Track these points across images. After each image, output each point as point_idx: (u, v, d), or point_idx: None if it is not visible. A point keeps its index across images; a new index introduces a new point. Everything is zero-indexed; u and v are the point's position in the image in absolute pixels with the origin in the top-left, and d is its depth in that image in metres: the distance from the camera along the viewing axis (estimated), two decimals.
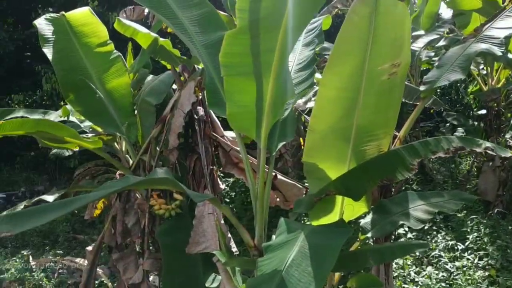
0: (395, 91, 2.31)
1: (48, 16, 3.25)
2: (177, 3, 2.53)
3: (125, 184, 1.85)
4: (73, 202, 1.63)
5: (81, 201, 1.64)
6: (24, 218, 1.56)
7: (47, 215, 1.57)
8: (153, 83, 3.82)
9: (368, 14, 2.01)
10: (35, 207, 1.62)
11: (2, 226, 1.50)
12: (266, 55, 2.04)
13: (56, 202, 1.66)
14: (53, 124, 2.60)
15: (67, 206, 1.57)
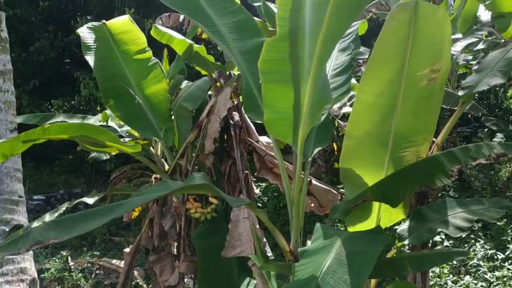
0: (434, 96, 2.28)
1: (90, 24, 3.37)
2: (214, 10, 2.58)
3: (167, 190, 1.90)
4: (117, 208, 1.68)
5: (125, 207, 1.69)
6: (71, 224, 1.62)
7: (92, 222, 1.62)
8: (190, 89, 3.90)
9: (407, 20, 2.00)
10: (80, 213, 1.68)
11: (50, 233, 1.56)
12: (304, 62, 2.06)
13: (100, 208, 1.71)
14: (95, 128, 2.69)
15: (111, 212, 1.62)
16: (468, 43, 5.90)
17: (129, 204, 1.69)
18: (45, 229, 1.65)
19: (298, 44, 2.03)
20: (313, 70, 2.03)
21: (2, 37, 4.16)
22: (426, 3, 2.06)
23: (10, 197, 3.94)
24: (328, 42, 1.95)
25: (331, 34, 1.93)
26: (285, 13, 1.98)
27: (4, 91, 4.13)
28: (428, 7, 2.03)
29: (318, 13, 1.91)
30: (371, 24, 9.20)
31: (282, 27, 2.00)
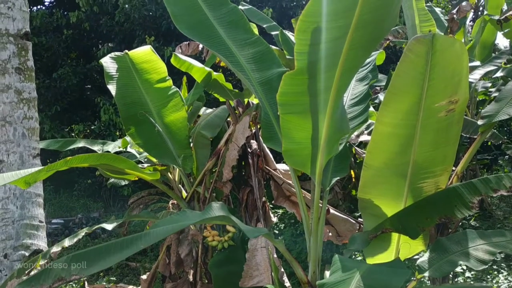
0: (453, 127, 2.28)
1: (113, 54, 3.47)
2: (233, 41, 2.65)
3: (186, 222, 1.92)
4: (136, 241, 1.70)
5: (144, 241, 1.71)
6: (92, 260, 1.64)
7: (112, 257, 1.64)
8: (209, 117, 3.96)
9: (425, 53, 2.02)
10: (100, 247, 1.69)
11: (72, 269, 1.58)
12: (322, 94, 2.09)
13: (119, 242, 1.73)
14: (115, 157, 2.75)
15: (131, 246, 1.64)
16: (487, 70, 5.87)
17: (148, 237, 1.71)
18: (66, 264, 1.67)
19: (317, 77, 2.06)
20: (331, 101, 2.05)
21: (29, 66, 4.30)
22: (443, 36, 2.08)
23: (30, 222, 4.00)
24: (345, 75, 1.98)
25: (348, 67, 1.96)
26: (303, 47, 2.02)
27: (29, 118, 4.24)
28: (445, 40, 2.05)
29: (335, 48, 1.95)
30: (387, 51, 9.25)
31: (301, 61, 2.04)
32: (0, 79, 4.08)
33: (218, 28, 2.70)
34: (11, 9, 4.04)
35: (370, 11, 1.87)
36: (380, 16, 1.92)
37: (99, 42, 13.22)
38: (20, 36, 4.22)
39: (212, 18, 2.73)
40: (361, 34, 1.91)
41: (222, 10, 2.78)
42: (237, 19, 2.76)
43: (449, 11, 12.40)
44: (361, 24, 1.88)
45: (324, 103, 2.11)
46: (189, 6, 2.74)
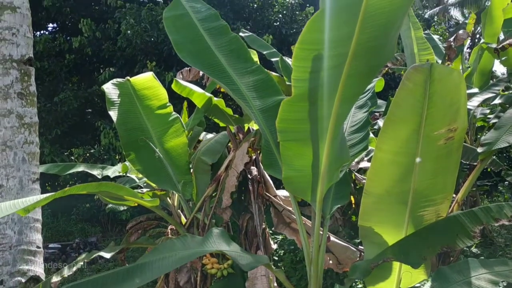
0: (452, 155, 2.29)
1: (115, 81, 3.51)
2: (234, 70, 2.68)
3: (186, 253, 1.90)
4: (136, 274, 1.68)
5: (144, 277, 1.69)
6: None
7: None
8: (209, 143, 3.98)
9: (423, 82, 2.04)
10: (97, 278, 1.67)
11: None
12: (322, 122, 2.10)
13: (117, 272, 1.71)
14: (114, 185, 2.74)
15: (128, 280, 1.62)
16: (485, 98, 5.93)
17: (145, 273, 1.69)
18: None
19: (317, 105, 2.08)
20: (330, 129, 2.07)
21: (31, 91, 4.33)
22: (440, 65, 2.11)
23: (28, 247, 3.96)
24: (345, 103, 2.00)
25: (348, 95, 1.98)
26: (301, 74, 2.04)
27: (29, 142, 4.25)
28: (443, 69, 2.07)
29: (335, 76, 1.97)
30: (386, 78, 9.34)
31: (298, 88, 2.06)
32: (2, 104, 4.10)
33: (219, 56, 2.74)
34: (15, 36, 4.09)
35: (367, 41, 1.90)
36: (378, 45, 1.95)
37: (100, 66, 13.36)
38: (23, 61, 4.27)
39: (214, 46, 2.78)
40: (359, 63, 1.94)
41: (223, 39, 2.83)
42: (238, 48, 2.81)
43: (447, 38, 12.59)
44: (360, 53, 1.91)
45: (324, 131, 2.12)
46: (191, 35, 2.79)
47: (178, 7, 2.99)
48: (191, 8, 2.96)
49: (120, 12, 11.93)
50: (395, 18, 1.91)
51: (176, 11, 2.97)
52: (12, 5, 4.01)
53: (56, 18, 13.45)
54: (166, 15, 2.96)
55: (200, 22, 2.89)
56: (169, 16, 2.94)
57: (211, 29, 2.87)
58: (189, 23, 2.89)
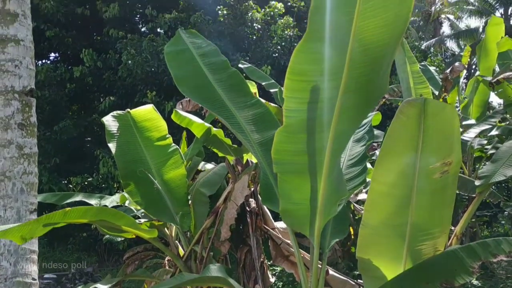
0: (448, 189, 2.30)
1: (115, 113, 3.55)
2: (234, 104, 2.73)
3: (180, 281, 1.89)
4: None
5: None
6: None
7: None
8: (208, 174, 3.99)
9: (416, 116, 2.08)
10: None
11: None
12: (320, 154, 2.12)
13: None
14: (114, 213, 2.74)
15: None
16: (482, 129, 5.98)
17: None
18: None
19: (315, 136, 2.10)
20: (326, 163, 2.08)
21: (31, 122, 4.36)
22: (434, 100, 2.16)
23: (23, 279, 3.91)
24: (339, 137, 2.02)
25: (342, 130, 2.00)
26: (294, 105, 2.07)
27: (28, 173, 4.25)
28: (437, 104, 2.11)
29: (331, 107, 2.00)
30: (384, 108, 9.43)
31: (290, 118, 2.09)
32: (3, 135, 4.12)
33: (218, 90, 2.79)
34: (18, 67, 4.15)
35: (358, 76, 1.94)
36: (370, 80, 1.99)
37: (101, 95, 13.48)
38: (25, 93, 4.31)
39: (213, 81, 2.84)
40: (352, 97, 1.97)
41: (223, 73, 2.89)
42: (237, 83, 2.87)
43: (443, 70, 12.77)
44: (351, 87, 1.94)
45: (321, 164, 2.13)
46: (192, 70, 2.85)
47: (179, 42, 3.06)
48: (192, 43, 3.04)
49: (121, 43, 12.13)
50: (385, 53, 1.95)
51: (177, 46, 3.04)
52: (16, 38, 4.08)
53: (58, 48, 13.66)
54: (167, 50, 3.03)
55: (201, 57, 2.96)
56: (170, 51, 3.01)
57: (211, 64, 2.94)
58: (190, 58, 2.96)
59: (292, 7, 13.01)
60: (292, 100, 2.13)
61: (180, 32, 3.15)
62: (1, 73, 4.03)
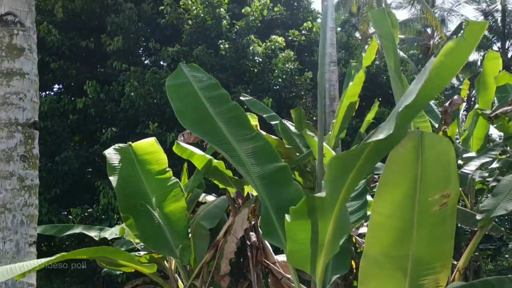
0: (447, 222, 2.30)
1: (117, 146, 3.58)
2: (234, 137, 2.76)
3: None
4: None
5: None
6: None
7: None
8: (208, 207, 3.98)
9: (414, 148, 2.10)
10: None
11: None
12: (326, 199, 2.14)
13: None
14: (112, 250, 2.74)
15: None
16: (483, 162, 5.99)
17: None
18: None
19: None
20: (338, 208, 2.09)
21: (34, 154, 4.39)
22: (430, 133, 2.19)
23: None
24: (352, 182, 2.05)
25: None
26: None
27: (29, 205, 4.25)
28: (433, 137, 2.15)
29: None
30: None
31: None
32: (5, 166, 4.14)
33: (219, 123, 2.83)
34: (22, 100, 4.20)
35: None
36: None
37: (103, 126, 13.57)
38: (28, 125, 4.35)
39: (214, 114, 2.88)
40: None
41: (223, 107, 2.94)
42: (237, 116, 2.91)
43: (442, 102, 12.89)
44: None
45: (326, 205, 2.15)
46: (193, 103, 2.89)
47: (181, 76, 3.11)
48: (193, 77, 3.09)
49: (124, 75, 12.30)
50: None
51: (178, 80, 3.09)
52: (21, 71, 4.15)
53: (62, 79, 13.85)
54: (169, 83, 3.08)
55: (202, 91, 3.01)
56: (171, 85, 3.06)
57: (212, 97, 2.99)
58: (191, 92, 3.01)
59: (293, 41, 13.25)
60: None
61: (181, 66, 3.21)
62: (6, 106, 4.08)
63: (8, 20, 3.95)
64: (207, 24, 12.39)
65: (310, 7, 15.40)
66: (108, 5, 13.56)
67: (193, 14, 12.50)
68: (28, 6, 3.93)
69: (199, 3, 12.52)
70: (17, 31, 3.91)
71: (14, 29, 3.88)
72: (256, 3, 12.80)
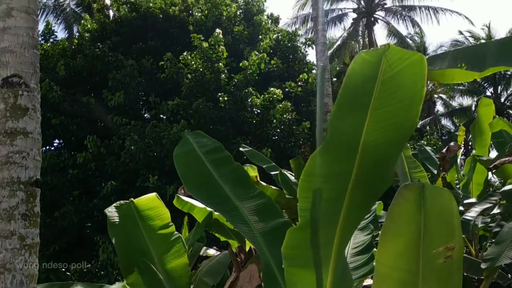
0: (454, 277, 2.28)
1: (118, 203, 3.59)
2: (237, 196, 2.82)
3: None
4: None
5: None
6: None
7: None
8: (211, 263, 3.94)
9: (416, 200, 2.12)
10: None
11: None
12: (324, 249, 2.15)
13: None
14: None
15: None
16: (484, 208, 5.97)
17: None
18: None
19: (319, 232, 2.15)
20: (334, 255, 2.10)
21: (35, 212, 4.38)
22: (431, 185, 2.22)
23: None
24: (345, 232, 2.07)
25: (348, 225, 2.05)
26: (305, 204, 2.17)
27: (29, 264, 4.19)
28: (434, 189, 2.17)
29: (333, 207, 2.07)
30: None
31: (303, 217, 2.17)
32: (6, 226, 4.12)
33: (222, 185, 2.91)
34: (25, 159, 4.24)
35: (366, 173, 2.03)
36: (376, 177, 2.07)
37: (102, 180, 13.56)
38: (30, 183, 4.37)
39: (217, 176, 2.97)
40: (358, 194, 2.05)
41: (227, 168, 3.04)
42: (239, 176, 2.99)
43: (440, 148, 12.99)
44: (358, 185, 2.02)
45: (325, 258, 2.16)
46: (197, 168, 3.02)
47: (186, 144, 3.29)
48: (197, 143, 3.24)
49: (125, 129, 12.46)
50: (392, 152, 2.06)
51: (184, 148, 3.26)
52: (25, 131, 4.22)
53: (62, 135, 14.01)
54: (176, 152, 3.24)
55: (205, 155, 3.14)
56: (178, 154, 3.23)
57: (215, 160, 3.12)
58: (196, 157, 3.14)
59: (290, 92, 13.55)
60: (304, 200, 2.24)
61: (186, 134, 3.39)
62: (9, 165, 4.11)
63: (13, 82, 4.06)
64: (206, 78, 12.70)
65: (305, 59, 15.85)
66: (109, 62, 13.94)
67: (193, 68, 12.84)
68: (33, 68, 4.05)
69: (198, 58, 12.89)
70: (22, 91, 4.01)
71: (19, 90, 3.98)
72: (253, 57, 13.18)
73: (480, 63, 3.16)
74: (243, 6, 16.63)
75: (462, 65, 3.24)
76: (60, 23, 18.25)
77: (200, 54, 12.87)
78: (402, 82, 2.06)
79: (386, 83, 2.04)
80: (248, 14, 16.34)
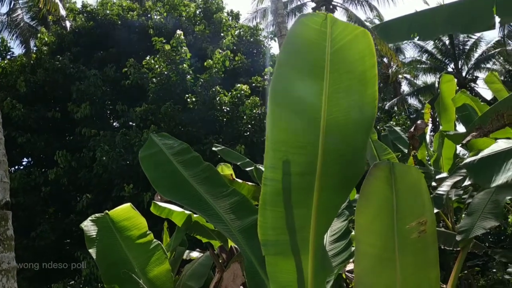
0: (429, 249, 2.33)
1: (93, 217, 3.53)
2: (211, 196, 2.79)
3: None
4: None
5: None
6: None
7: None
8: (193, 266, 3.92)
9: (387, 178, 2.16)
10: None
11: None
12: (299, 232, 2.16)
13: None
14: None
15: None
16: (454, 181, 6.13)
17: None
18: None
19: (293, 213, 2.15)
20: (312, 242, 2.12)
21: (8, 236, 4.29)
22: (399, 163, 2.27)
23: None
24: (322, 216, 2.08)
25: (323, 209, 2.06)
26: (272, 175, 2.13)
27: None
28: (402, 167, 2.22)
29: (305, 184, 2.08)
30: None
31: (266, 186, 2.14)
32: None
33: (194, 185, 2.86)
34: None
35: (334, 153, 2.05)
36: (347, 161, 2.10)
37: (77, 195, 13.31)
38: (0, 207, 4.26)
39: (188, 177, 2.92)
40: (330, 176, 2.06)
41: (196, 169, 2.99)
42: (211, 175, 2.96)
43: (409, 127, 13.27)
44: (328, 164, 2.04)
45: (303, 242, 2.16)
46: (166, 170, 2.94)
47: (152, 145, 3.18)
48: (164, 145, 3.16)
49: (94, 140, 12.25)
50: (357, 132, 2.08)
51: (150, 150, 3.16)
52: None
53: (30, 153, 13.67)
54: (142, 155, 3.13)
55: (174, 157, 3.06)
56: (144, 156, 3.12)
57: (184, 161, 3.04)
58: (164, 159, 3.06)
59: (257, 87, 13.57)
60: (269, 170, 2.17)
61: (152, 136, 3.29)
62: None
63: None
64: (171, 80, 12.58)
65: (269, 52, 15.90)
66: (71, 73, 13.65)
67: (157, 72, 12.70)
68: None
69: (161, 61, 12.76)
70: None
71: None
72: (217, 55, 13.13)
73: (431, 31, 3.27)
74: (202, 5, 16.54)
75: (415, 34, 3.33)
76: (16, 38, 17.75)
77: (163, 57, 12.74)
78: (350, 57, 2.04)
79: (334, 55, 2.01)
80: (208, 12, 16.26)
